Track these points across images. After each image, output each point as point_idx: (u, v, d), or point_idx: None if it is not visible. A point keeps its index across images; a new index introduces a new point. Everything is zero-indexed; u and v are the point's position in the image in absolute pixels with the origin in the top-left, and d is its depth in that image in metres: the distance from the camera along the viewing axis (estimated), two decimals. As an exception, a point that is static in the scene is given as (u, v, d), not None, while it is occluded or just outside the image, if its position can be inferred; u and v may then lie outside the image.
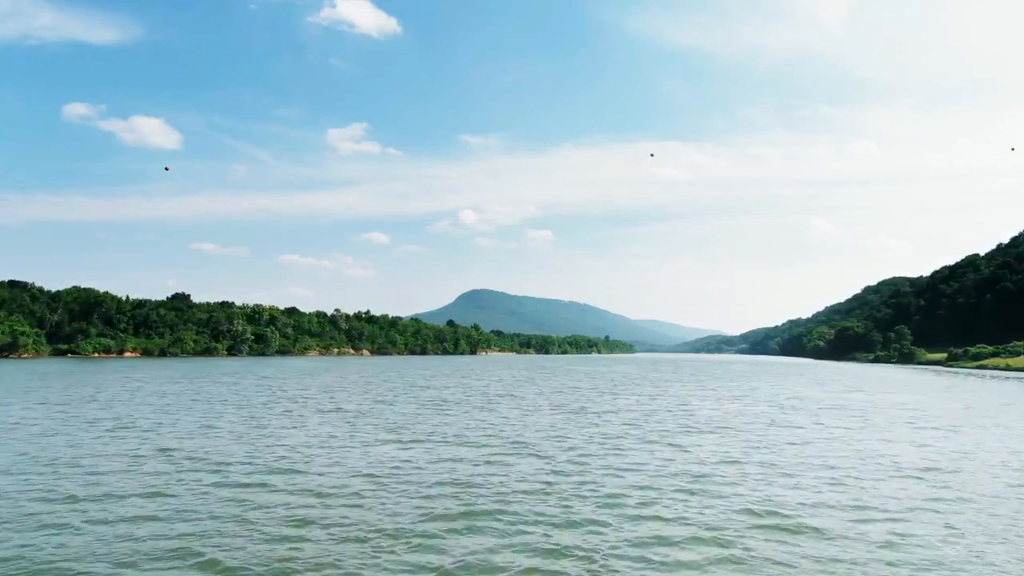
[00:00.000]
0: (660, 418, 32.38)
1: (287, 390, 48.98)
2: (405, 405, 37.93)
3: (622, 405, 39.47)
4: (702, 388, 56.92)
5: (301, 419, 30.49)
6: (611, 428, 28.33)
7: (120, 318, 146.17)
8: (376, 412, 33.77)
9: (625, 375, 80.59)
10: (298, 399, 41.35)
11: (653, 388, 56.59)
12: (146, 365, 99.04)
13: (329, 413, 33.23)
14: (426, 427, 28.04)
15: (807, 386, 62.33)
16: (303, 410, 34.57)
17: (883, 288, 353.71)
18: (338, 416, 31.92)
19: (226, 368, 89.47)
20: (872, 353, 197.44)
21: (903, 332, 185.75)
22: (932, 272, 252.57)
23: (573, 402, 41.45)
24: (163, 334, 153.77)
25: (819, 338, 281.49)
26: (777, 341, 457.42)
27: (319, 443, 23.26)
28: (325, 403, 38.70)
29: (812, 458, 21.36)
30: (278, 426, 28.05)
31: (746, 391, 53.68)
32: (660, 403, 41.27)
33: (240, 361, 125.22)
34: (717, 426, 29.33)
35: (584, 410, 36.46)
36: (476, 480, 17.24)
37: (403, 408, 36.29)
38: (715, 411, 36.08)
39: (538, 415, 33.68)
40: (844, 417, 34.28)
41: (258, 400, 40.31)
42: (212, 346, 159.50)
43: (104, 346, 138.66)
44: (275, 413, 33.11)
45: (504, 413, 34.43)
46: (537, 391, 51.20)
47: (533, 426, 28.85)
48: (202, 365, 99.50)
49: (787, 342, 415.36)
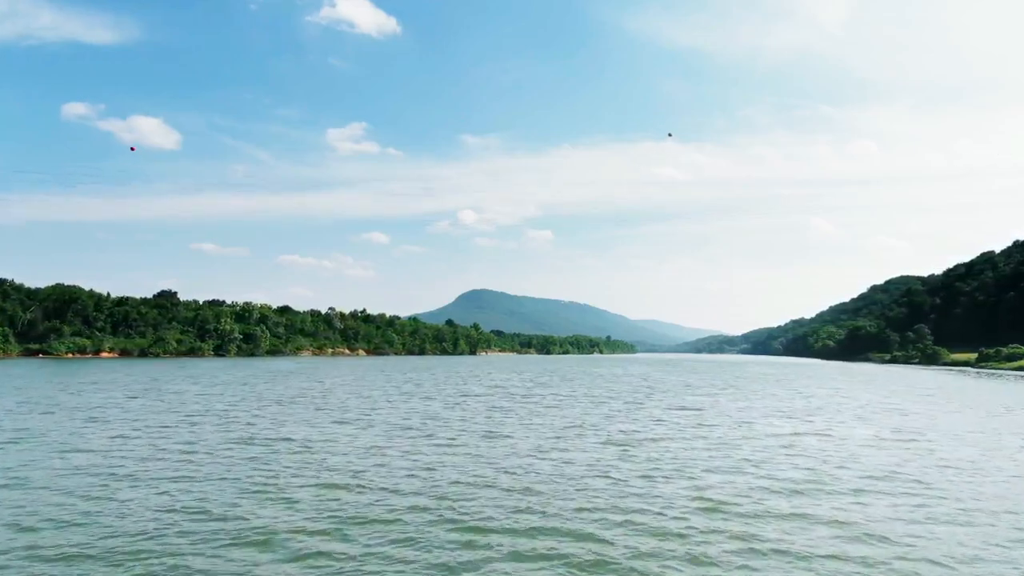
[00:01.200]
0: (777, 463, 19.72)
1: (214, 405, 39.09)
2: (365, 435, 27.85)
3: (706, 438, 25.89)
4: (753, 398, 46.98)
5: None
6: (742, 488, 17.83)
7: (97, 316, 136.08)
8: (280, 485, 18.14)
9: (651, 380, 70.66)
10: (193, 418, 31.38)
11: (698, 397, 46.65)
12: (113, 367, 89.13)
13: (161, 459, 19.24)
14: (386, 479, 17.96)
15: (871, 391, 52.44)
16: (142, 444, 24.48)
17: (891, 287, 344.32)
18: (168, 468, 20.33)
19: (196, 369, 79.61)
20: (888, 353, 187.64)
21: (922, 331, 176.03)
22: (945, 270, 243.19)
23: (640, 432, 31.44)
24: (144, 333, 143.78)
25: (828, 338, 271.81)
26: (781, 341, 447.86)
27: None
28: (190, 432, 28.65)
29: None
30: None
31: (809, 400, 43.76)
32: (748, 430, 30.82)
33: (222, 362, 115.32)
34: (873, 474, 18.12)
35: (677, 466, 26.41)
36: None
37: (356, 446, 26.24)
38: (829, 441, 24.70)
39: (602, 447, 23.68)
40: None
41: (152, 421, 30.37)
42: (197, 346, 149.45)
43: (79, 346, 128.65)
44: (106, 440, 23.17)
45: (556, 451, 24.34)
46: (582, 412, 41.08)
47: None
48: (173, 366, 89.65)
49: (791, 342, 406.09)
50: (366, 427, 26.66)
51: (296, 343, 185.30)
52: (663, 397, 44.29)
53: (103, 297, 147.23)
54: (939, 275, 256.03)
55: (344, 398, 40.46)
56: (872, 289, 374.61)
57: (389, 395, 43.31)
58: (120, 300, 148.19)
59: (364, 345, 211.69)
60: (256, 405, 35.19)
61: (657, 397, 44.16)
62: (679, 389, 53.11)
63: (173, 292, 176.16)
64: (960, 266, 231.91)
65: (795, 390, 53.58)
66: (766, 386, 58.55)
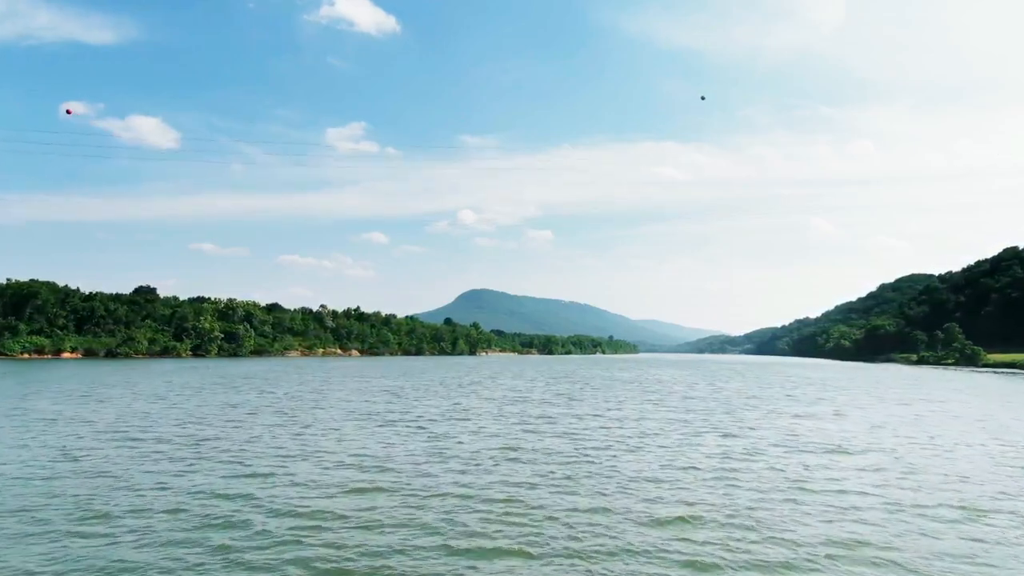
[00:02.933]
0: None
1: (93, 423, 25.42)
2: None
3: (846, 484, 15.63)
4: (825, 408, 33.23)
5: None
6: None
7: (59, 313, 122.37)
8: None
9: (685, 386, 57.07)
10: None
11: (766, 413, 32.87)
12: (65, 369, 75.44)
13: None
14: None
15: (973, 404, 38.70)
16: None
17: (903, 286, 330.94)
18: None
19: (148, 372, 65.95)
20: (914, 353, 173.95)
21: (954, 331, 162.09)
22: (966, 266, 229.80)
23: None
24: (114, 332, 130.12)
25: (842, 337, 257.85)
26: (786, 341, 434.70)
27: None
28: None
29: None
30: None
31: (900, 412, 30.06)
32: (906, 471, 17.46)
33: (194, 363, 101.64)
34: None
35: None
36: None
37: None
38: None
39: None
40: None
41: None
42: (172, 346, 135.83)
43: (37, 345, 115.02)
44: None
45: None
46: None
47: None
48: (133, 368, 75.96)
49: (798, 342, 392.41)
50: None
51: (284, 343, 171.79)
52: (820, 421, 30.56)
53: (71, 292, 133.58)
54: (958, 272, 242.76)
55: (268, 425, 26.84)
56: (882, 288, 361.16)
57: (338, 417, 29.66)
58: (88, 296, 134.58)
59: (358, 345, 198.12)
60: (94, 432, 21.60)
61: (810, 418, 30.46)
62: (780, 398, 39.28)
63: (152, 288, 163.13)
64: (983, 262, 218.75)
65: (858, 398, 39.89)
66: (816, 391, 44.81)
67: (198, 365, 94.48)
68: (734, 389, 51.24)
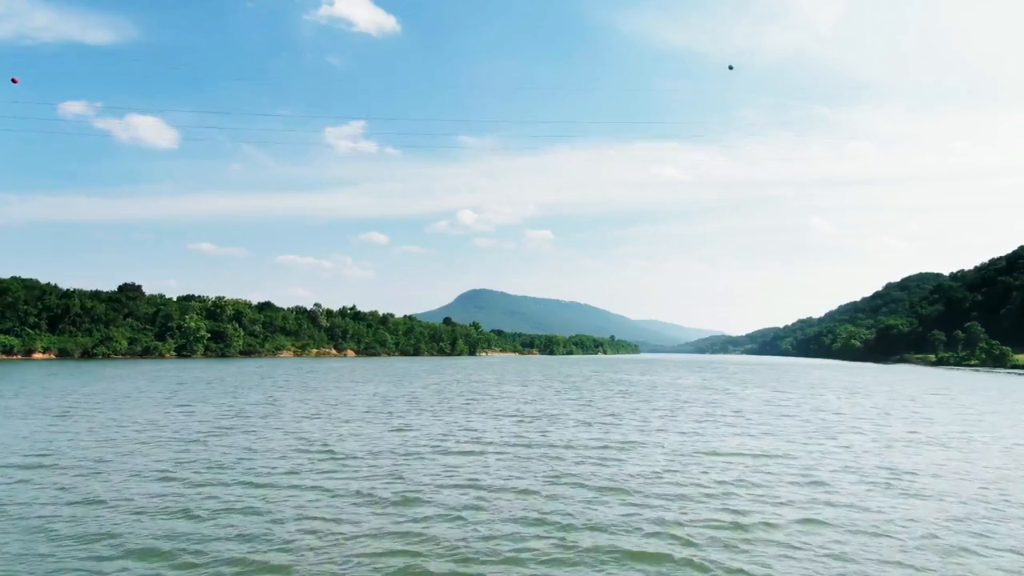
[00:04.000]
0: None
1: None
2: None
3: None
4: (952, 429, 24.79)
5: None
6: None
7: (29, 311, 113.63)
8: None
9: (725, 395, 48.55)
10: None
11: (890, 443, 24.33)
12: (28, 371, 66.76)
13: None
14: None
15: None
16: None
17: (910, 285, 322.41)
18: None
19: (102, 375, 57.36)
20: (933, 354, 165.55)
21: (975, 330, 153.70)
22: (982, 264, 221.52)
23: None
24: (91, 332, 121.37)
25: (851, 337, 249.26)
26: (790, 341, 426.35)
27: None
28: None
29: None
30: None
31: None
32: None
33: (170, 365, 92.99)
34: None
35: None
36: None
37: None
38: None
39: None
40: None
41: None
42: (154, 346, 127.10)
43: (4, 345, 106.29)
44: None
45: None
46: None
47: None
48: (103, 370, 67.31)
49: (803, 342, 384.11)
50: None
51: (276, 343, 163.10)
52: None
53: (47, 289, 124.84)
54: (971, 270, 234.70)
55: (133, 473, 18.24)
56: (888, 287, 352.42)
57: (268, 454, 21.02)
58: (65, 293, 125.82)
59: (353, 345, 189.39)
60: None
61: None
62: (874, 415, 30.62)
63: (137, 285, 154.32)
64: (997, 260, 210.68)
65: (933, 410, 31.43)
66: (881, 399, 36.36)
67: (171, 367, 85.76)
68: (793, 401, 42.62)
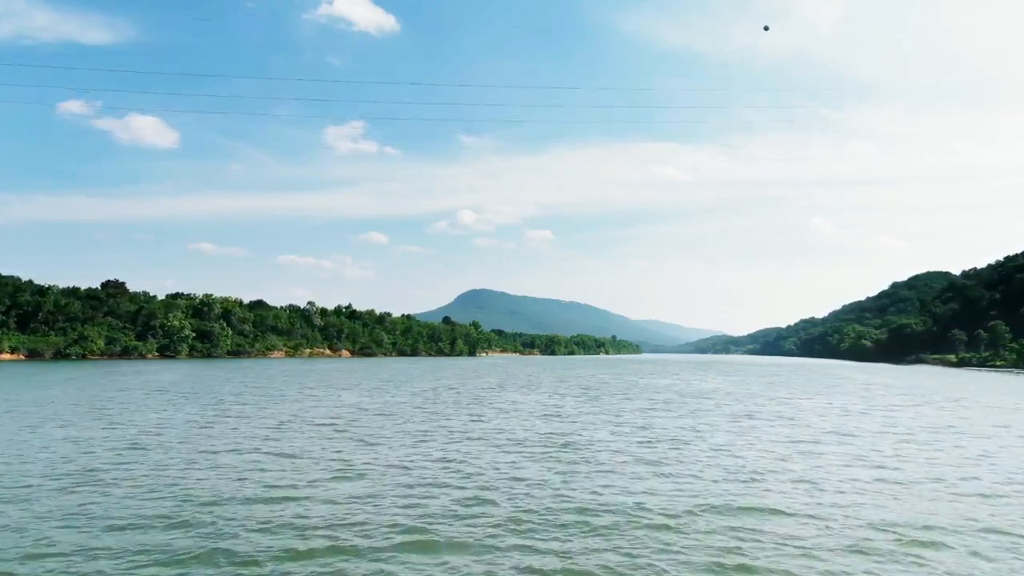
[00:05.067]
0: None
1: None
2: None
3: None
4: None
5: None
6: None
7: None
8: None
9: (768, 401, 40.57)
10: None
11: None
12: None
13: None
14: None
15: None
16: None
17: (918, 284, 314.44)
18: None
19: (54, 378, 49.46)
20: (952, 355, 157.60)
21: (1000, 329, 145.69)
22: (998, 262, 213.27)
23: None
24: (65, 330, 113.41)
25: (862, 337, 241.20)
26: (794, 341, 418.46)
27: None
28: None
29: None
30: None
31: None
32: None
33: (146, 366, 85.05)
34: None
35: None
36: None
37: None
38: None
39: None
40: None
41: None
42: (134, 346, 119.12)
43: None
44: None
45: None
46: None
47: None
48: (68, 372, 59.39)
49: (807, 342, 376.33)
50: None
51: (266, 342, 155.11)
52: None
53: (20, 286, 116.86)
54: (985, 268, 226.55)
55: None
56: (895, 286, 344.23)
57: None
58: (39, 290, 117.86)
59: (348, 345, 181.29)
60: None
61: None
62: (975, 431, 22.70)
63: (120, 282, 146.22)
64: (1014, 257, 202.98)
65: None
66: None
67: (143, 368, 77.75)
68: (858, 410, 34.56)
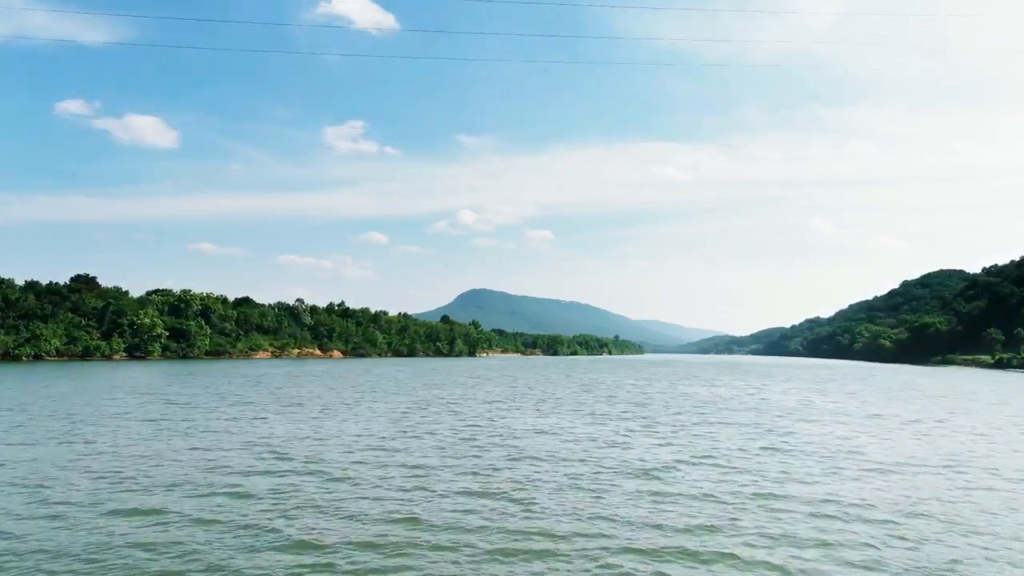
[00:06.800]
0: None
1: None
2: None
3: None
4: None
5: None
6: None
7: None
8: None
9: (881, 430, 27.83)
10: None
11: None
12: None
13: None
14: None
15: None
16: None
17: (932, 282, 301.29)
18: None
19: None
20: (989, 356, 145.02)
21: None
22: (1022, 258, 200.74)
23: None
24: (18, 328, 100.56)
25: (878, 337, 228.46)
26: (799, 341, 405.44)
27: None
28: None
29: None
30: None
31: None
32: None
33: (104, 368, 72.34)
34: None
35: None
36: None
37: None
38: None
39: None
40: None
41: None
42: (97, 345, 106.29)
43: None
44: None
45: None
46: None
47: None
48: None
49: (814, 342, 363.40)
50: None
51: (250, 342, 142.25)
52: None
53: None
54: (1008, 264, 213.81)
55: None
56: (906, 285, 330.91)
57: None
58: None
59: (340, 345, 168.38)
60: None
61: None
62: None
63: (91, 277, 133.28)
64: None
65: None
66: None
67: (91, 371, 64.92)
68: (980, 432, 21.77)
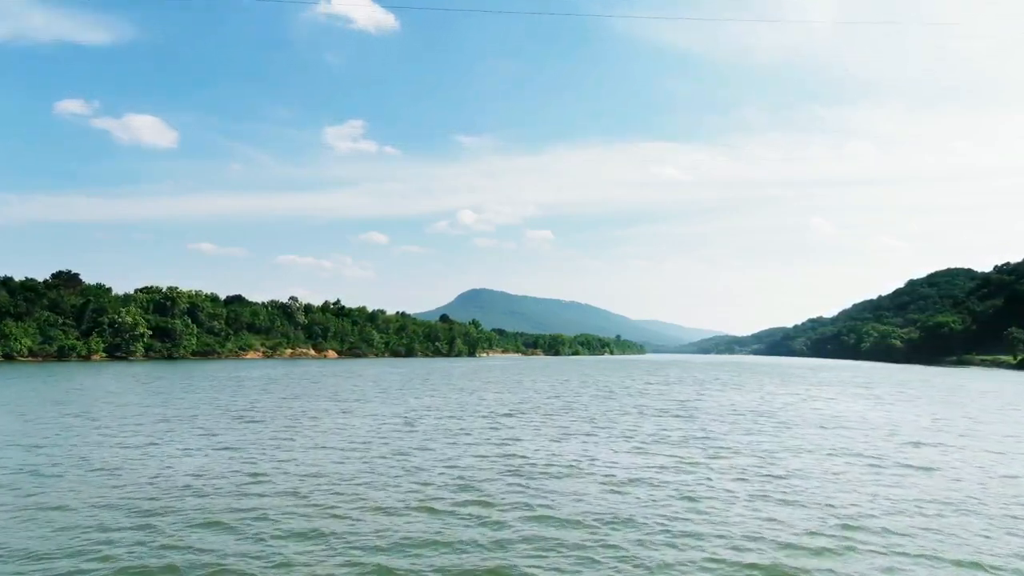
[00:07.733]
0: None
1: None
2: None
3: None
4: None
5: None
6: None
7: None
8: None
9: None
10: None
11: None
12: None
13: None
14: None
15: None
16: None
17: (939, 281, 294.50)
18: None
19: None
20: (1012, 356, 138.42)
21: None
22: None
23: None
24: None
25: (888, 336, 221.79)
26: (803, 341, 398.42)
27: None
28: None
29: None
30: None
31: None
32: None
33: (76, 369, 65.70)
34: None
35: None
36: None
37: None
38: None
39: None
40: None
41: None
42: (73, 345, 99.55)
43: None
44: None
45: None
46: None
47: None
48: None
49: (818, 342, 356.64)
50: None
51: (241, 341, 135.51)
52: None
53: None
54: (1020, 262, 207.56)
55: None
56: (911, 284, 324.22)
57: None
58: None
59: (335, 345, 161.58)
60: None
61: None
62: None
63: (74, 274, 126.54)
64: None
65: None
66: None
67: (55, 374, 58.15)
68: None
